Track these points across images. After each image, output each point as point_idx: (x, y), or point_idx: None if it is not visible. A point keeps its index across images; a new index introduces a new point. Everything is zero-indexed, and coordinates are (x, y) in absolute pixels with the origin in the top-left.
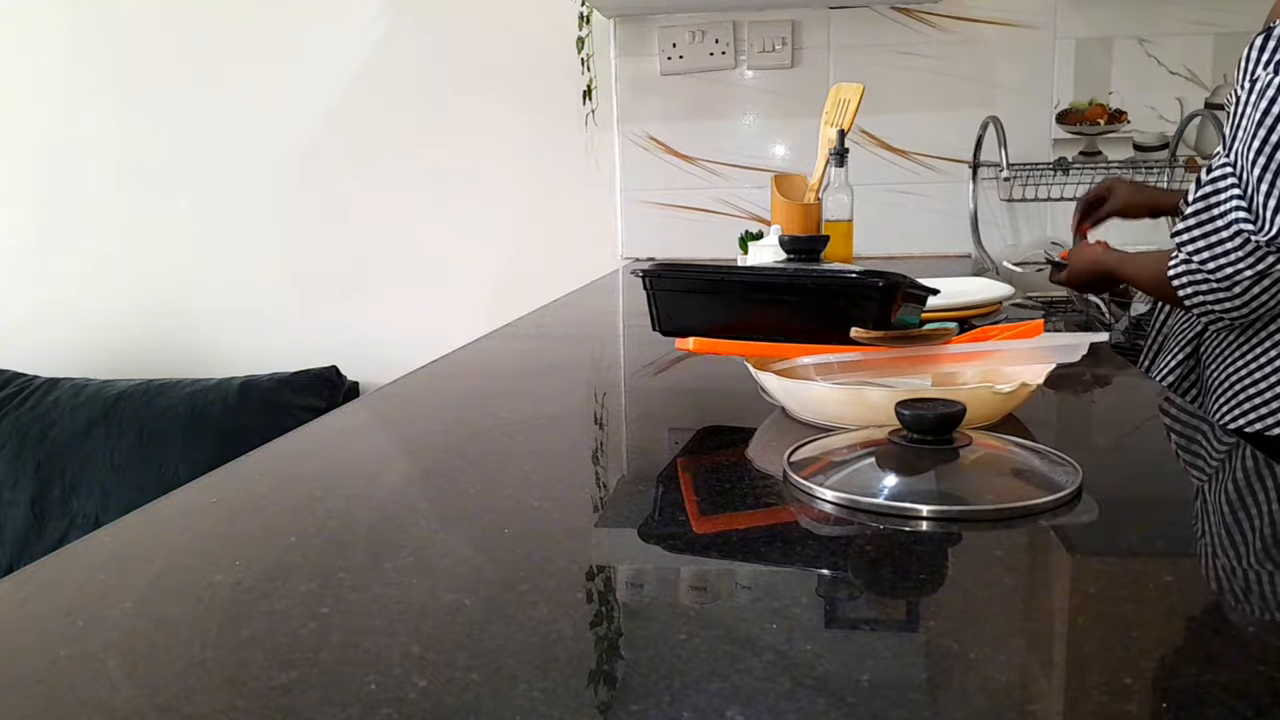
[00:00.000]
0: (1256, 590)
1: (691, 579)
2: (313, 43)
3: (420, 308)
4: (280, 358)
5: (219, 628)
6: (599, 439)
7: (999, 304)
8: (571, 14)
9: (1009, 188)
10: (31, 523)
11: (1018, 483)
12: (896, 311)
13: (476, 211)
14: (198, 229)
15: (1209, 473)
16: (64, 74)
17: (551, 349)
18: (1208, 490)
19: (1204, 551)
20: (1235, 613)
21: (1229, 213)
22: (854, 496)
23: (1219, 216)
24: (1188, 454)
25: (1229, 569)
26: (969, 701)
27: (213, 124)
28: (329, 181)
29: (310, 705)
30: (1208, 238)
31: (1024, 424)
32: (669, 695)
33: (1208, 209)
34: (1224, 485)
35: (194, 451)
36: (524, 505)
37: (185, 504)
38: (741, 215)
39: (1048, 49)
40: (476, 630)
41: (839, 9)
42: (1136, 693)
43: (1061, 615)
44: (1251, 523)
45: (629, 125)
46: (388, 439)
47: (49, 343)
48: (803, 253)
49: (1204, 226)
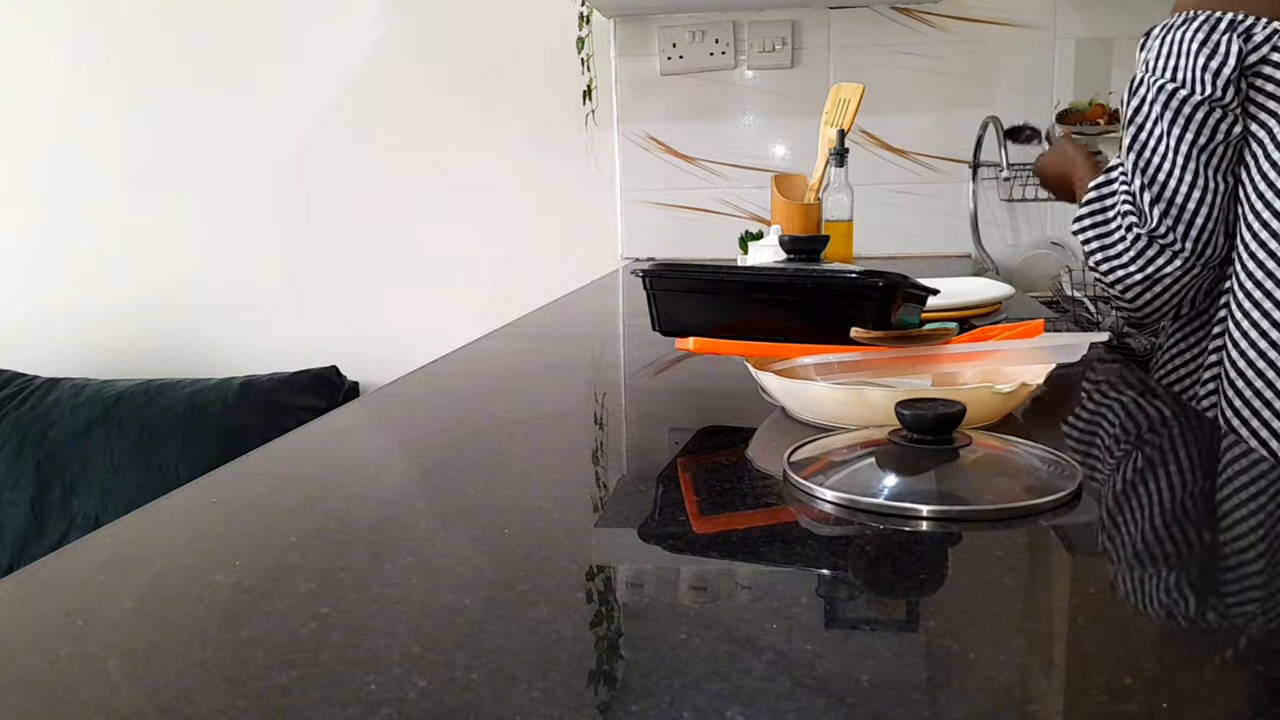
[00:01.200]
0: (1257, 590)
1: (691, 579)
2: (313, 43)
3: (420, 308)
4: (280, 358)
5: (219, 628)
6: (599, 439)
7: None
8: (571, 14)
9: (1009, 188)
10: (31, 523)
11: (1018, 483)
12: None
13: (476, 211)
14: (198, 229)
15: (1209, 472)
16: (64, 74)
17: (551, 349)
18: (1208, 490)
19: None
20: (1235, 613)
21: (1119, 212)
22: (854, 496)
23: (1111, 219)
24: (1188, 454)
25: (1229, 569)
26: (969, 701)
27: (213, 124)
28: (329, 181)
29: (310, 705)
30: (1102, 239)
31: (1024, 424)
32: (669, 695)
33: (1101, 210)
34: (1224, 485)
35: (194, 451)
36: (524, 505)
37: (185, 504)
38: (741, 215)
39: (1048, 49)
40: (476, 630)
41: (839, 9)
42: (1136, 693)
43: (1061, 615)
44: (1252, 522)
45: (629, 125)
46: (388, 439)
47: (49, 343)
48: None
49: (1098, 229)
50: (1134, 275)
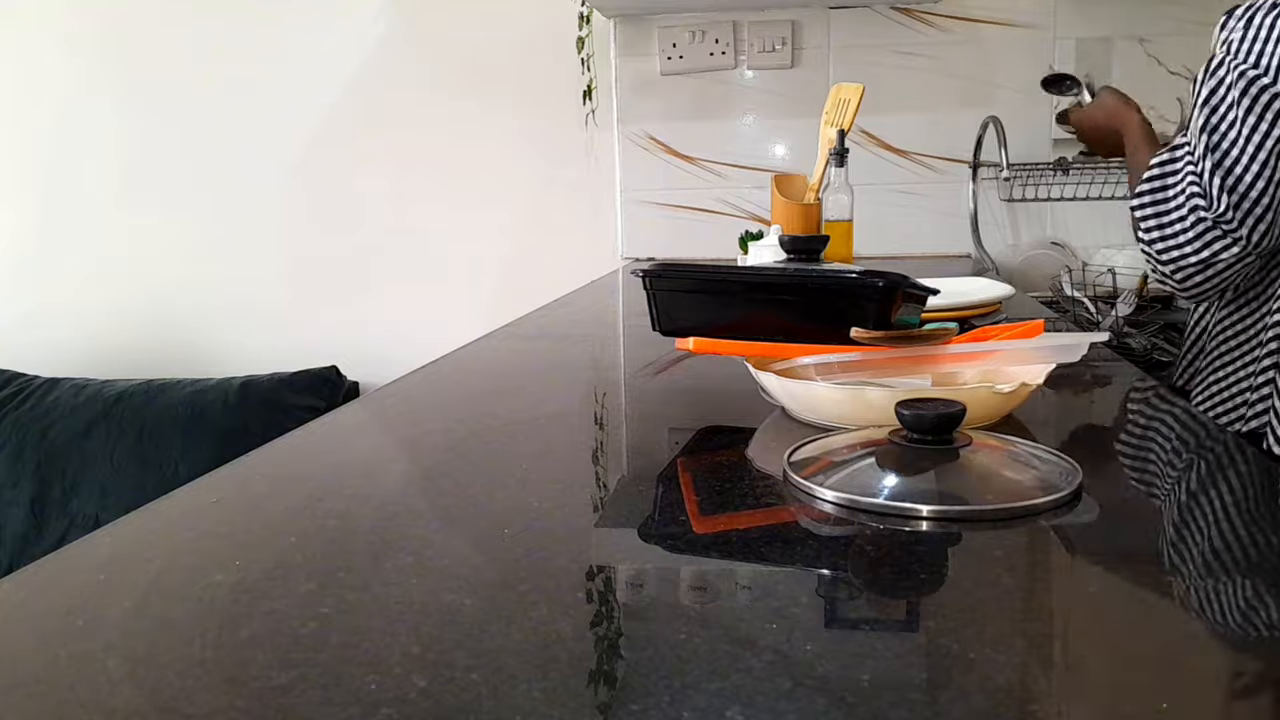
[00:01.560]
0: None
1: (691, 579)
2: (313, 43)
3: (420, 308)
4: (280, 358)
5: (219, 628)
6: (599, 439)
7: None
8: (571, 14)
9: (1009, 188)
10: (31, 523)
11: (1018, 483)
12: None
13: (477, 211)
14: (198, 228)
15: (1209, 472)
16: (64, 74)
17: (551, 349)
18: (1208, 490)
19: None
20: (1235, 613)
21: (1182, 191)
22: (854, 496)
23: (1172, 198)
24: (1188, 453)
25: (1229, 569)
26: (969, 701)
27: (213, 123)
28: (329, 181)
29: (310, 705)
30: (1160, 217)
31: (1024, 424)
32: (669, 695)
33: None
34: (1224, 485)
35: (194, 451)
36: (524, 505)
37: (185, 504)
38: (741, 215)
39: (1048, 49)
40: (476, 630)
41: (839, 9)
42: (1137, 693)
43: (1061, 615)
44: (1252, 522)
45: (629, 125)
46: (388, 439)
47: (49, 343)
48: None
49: (1157, 206)
50: (1189, 258)
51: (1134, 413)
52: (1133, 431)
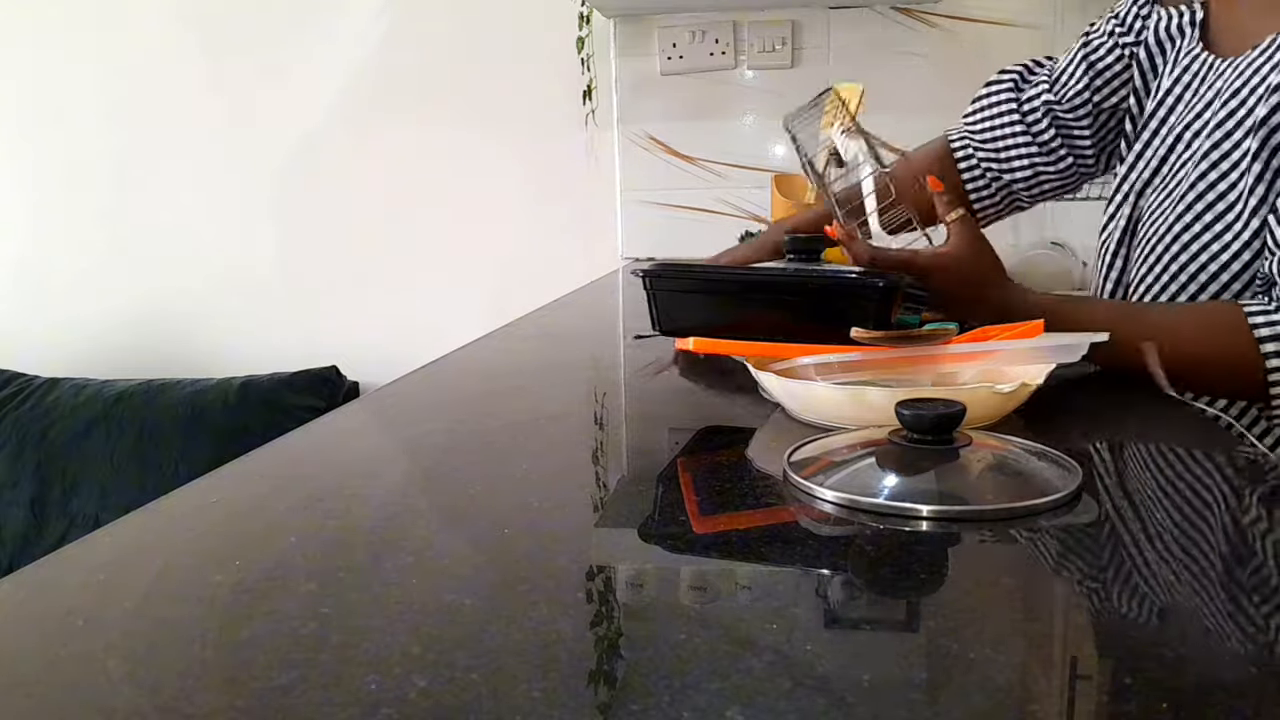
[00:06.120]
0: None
1: (691, 579)
2: (313, 42)
3: (420, 308)
4: (280, 358)
5: (219, 628)
6: (599, 439)
7: None
8: (571, 14)
9: None
10: (31, 523)
11: (1018, 483)
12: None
13: (476, 211)
14: (198, 228)
15: (1209, 472)
16: (64, 74)
17: (551, 349)
18: (1208, 490)
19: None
20: (1235, 613)
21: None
22: (854, 496)
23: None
24: (1188, 453)
25: (1229, 569)
26: (969, 701)
27: (213, 123)
28: (329, 181)
29: (310, 705)
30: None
31: (1024, 424)
32: (669, 695)
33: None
34: (1224, 485)
35: (194, 451)
36: (524, 505)
37: (185, 504)
38: (741, 215)
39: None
40: (476, 630)
41: (839, 9)
42: (1136, 693)
43: (1061, 615)
44: (1252, 522)
45: (629, 125)
46: (388, 439)
47: (49, 343)
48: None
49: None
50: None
51: (1134, 412)
52: (1133, 431)
